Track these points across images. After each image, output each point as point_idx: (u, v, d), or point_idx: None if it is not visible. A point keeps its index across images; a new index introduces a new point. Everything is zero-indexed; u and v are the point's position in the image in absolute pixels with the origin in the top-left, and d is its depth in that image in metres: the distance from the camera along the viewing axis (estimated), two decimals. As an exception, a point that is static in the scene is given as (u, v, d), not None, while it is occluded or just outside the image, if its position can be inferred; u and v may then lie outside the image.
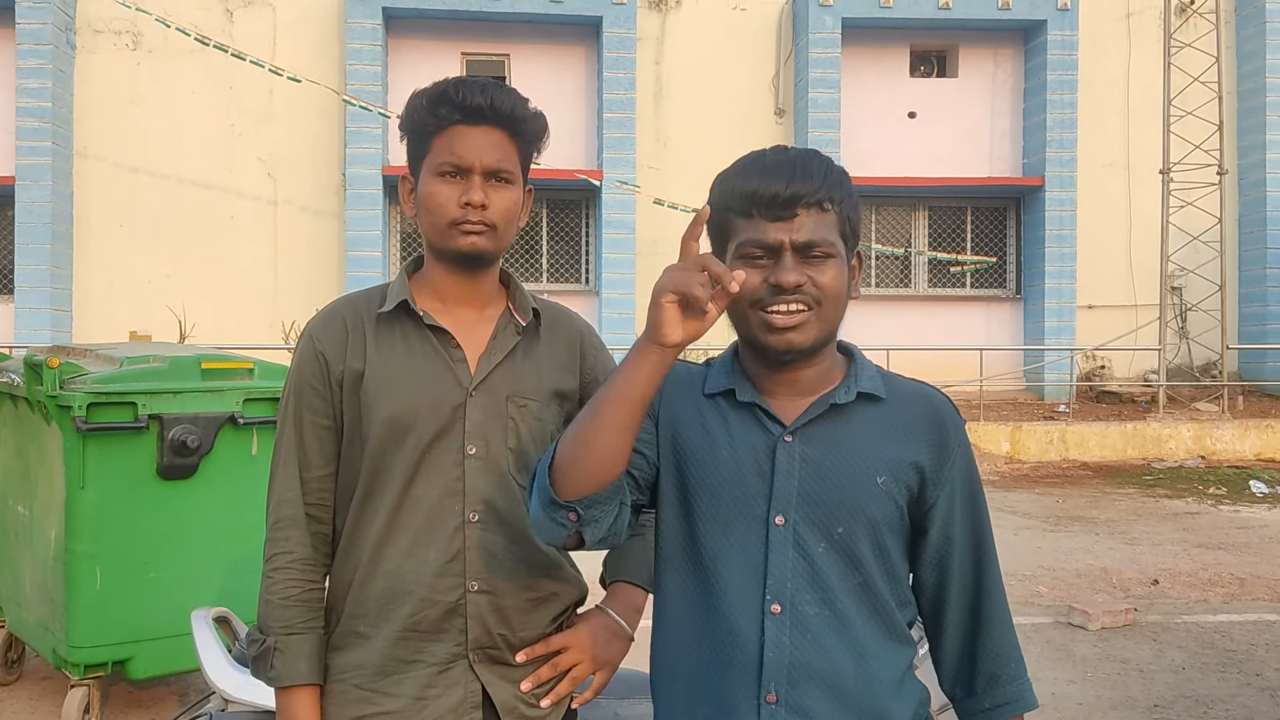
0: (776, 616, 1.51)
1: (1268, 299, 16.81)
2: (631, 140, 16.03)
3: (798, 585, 1.52)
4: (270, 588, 1.79)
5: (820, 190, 1.49)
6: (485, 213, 1.75)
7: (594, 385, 1.94)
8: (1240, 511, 10.34)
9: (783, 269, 1.49)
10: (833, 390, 1.57)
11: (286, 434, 1.82)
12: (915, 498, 1.56)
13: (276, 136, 15.97)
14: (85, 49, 15.78)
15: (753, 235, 1.50)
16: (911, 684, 1.58)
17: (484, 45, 16.38)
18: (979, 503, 1.62)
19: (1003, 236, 17.49)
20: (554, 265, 16.84)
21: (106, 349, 4.69)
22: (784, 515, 1.52)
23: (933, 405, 1.60)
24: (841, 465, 1.53)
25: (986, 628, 1.61)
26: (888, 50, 17.07)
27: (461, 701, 1.75)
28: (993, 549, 1.63)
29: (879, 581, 1.54)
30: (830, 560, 1.52)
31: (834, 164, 1.55)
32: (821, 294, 1.50)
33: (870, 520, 1.52)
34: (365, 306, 1.84)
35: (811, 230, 1.49)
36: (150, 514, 4.24)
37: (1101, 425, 13.94)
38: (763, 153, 1.56)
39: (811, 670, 1.50)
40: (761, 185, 1.50)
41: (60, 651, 4.22)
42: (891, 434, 1.56)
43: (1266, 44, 16.78)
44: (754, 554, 1.53)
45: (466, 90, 1.74)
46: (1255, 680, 5.17)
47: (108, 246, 15.68)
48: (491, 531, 1.77)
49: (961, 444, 1.60)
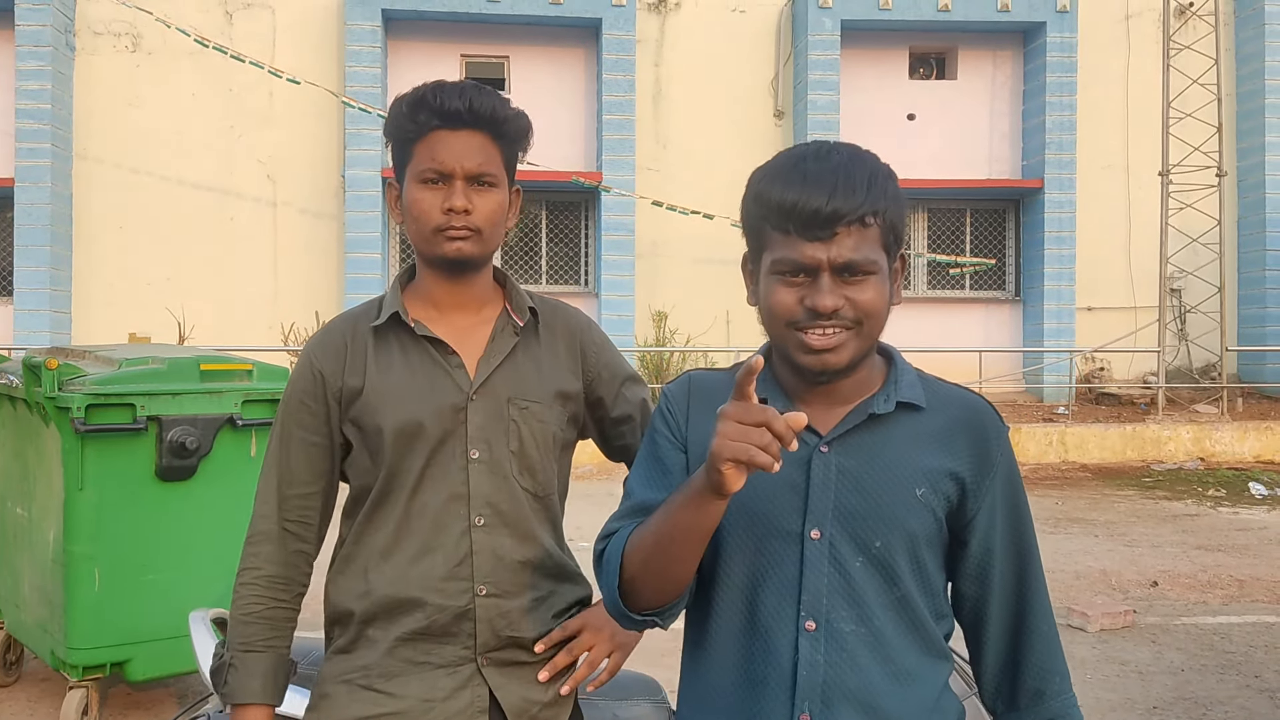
0: (811, 634, 1.45)
1: (1267, 301, 16.81)
2: (631, 142, 16.03)
3: (833, 601, 1.45)
4: (236, 602, 1.81)
5: (862, 206, 1.40)
6: (469, 218, 1.74)
7: (597, 383, 1.93)
8: (1239, 513, 10.34)
9: (819, 292, 1.40)
10: (871, 399, 1.50)
11: (273, 450, 1.83)
12: (955, 509, 1.50)
13: (276, 138, 15.97)
14: (85, 51, 15.78)
15: (788, 254, 1.42)
16: (949, 701, 1.53)
17: (483, 47, 16.39)
18: (1023, 514, 1.55)
19: (1002, 238, 17.49)
20: (553, 267, 16.84)
21: (105, 350, 4.69)
22: (820, 529, 1.46)
23: (975, 413, 1.53)
24: (879, 477, 1.47)
25: (1030, 641, 1.55)
26: (887, 52, 17.08)
27: (469, 705, 1.75)
28: (1037, 561, 1.57)
29: (916, 596, 1.48)
30: (867, 575, 1.46)
31: (879, 169, 1.45)
32: (860, 314, 1.42)
33: (909, 534, 1.46)
34: (363, 320, 1.84)
35: (852, 249, 1.40)
36: (149, 515, 4.25)
37: (1101, 427, 13.94)
38: (803, 157, 1.44)
39: (846, 690, 1.44)
40: (800, 199, 1.40)
41: (59, 653, 4.21)
42: (931, 443, 1.49)
43: (1266, 46, 16.78)
44: (788, 570, 1.47)
45: (445, 95, 1.74)
46: (1254, 682, 5.17)
47: (107, 248, 15.68)
48: (497, 535, 1.78)
49: (1004, 454, 1.53)
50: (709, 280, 16.41)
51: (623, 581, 1.47)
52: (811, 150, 1.45)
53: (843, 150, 1.45)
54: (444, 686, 1.74)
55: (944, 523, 1.50)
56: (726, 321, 16.42)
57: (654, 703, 2.17)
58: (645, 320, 16.22)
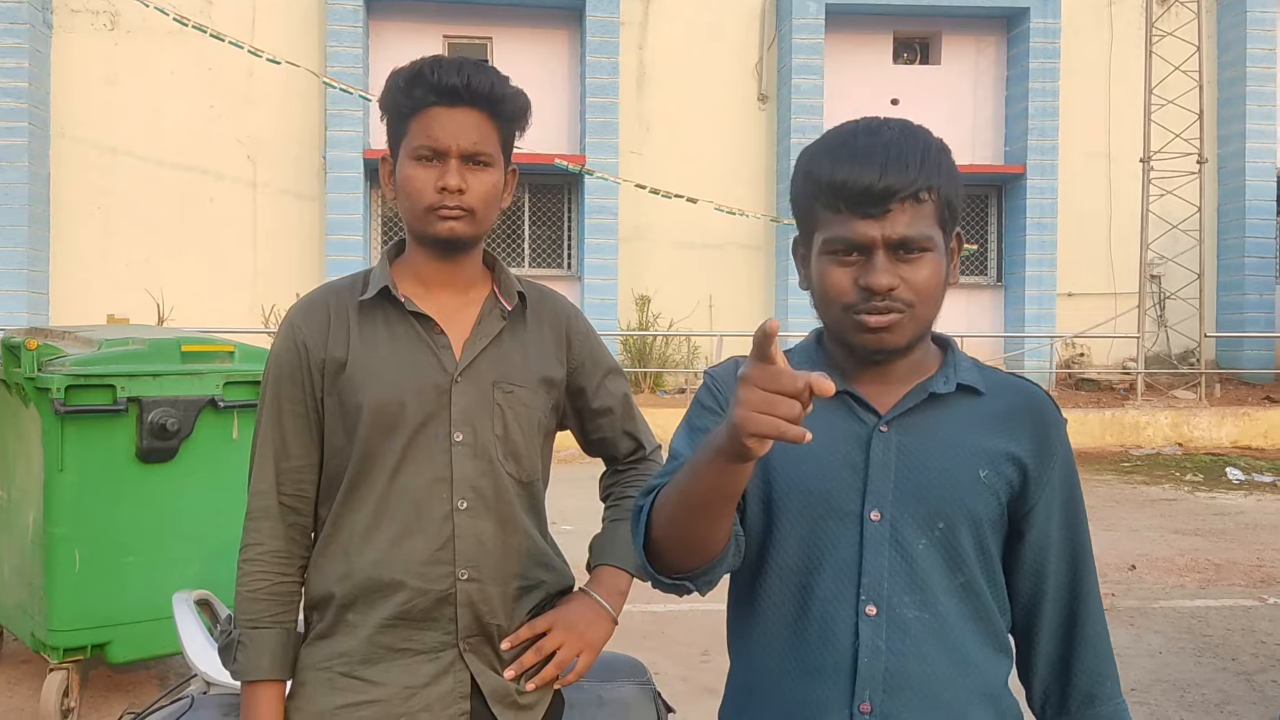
0: (872, 619, 1.38)
1: (1245, 287, 16.94)
2: (614, 125, 15.98)
3: (895, 585, 1.39)
4: (241, 580, 1.77)
5: (916, 181, 1.35)
6: (463, 197, 1.71)
7: (580, 372, 1.92)
8: (1217, 498, 10.43)
9: (874, 271, 1.35)
10: (930, 379, 1.45)
11: (264, 424, 1.80)
12: (1016, 496, 1.44)
13: (256, 119, 15.84)
14: (62, 28, 15.60)
15: (840, 232, 1.36)
16: (1009, 700, 1.47)
17: (466, 28, 16.29)
18: (1079, 510, 1.50)
19: (984, 224, 17.55)
20: (536, 250, 16.79)
21: (85, 331, 4.65)
22: (880, 510, 1.40)
23: (1035, 400, 1.49)
24: (942, 456, 1.41)
25: (1083, 644, 1.49)
26: (871, 37, 17.07)
27: (450, 690, 1.73)
28: (1091, 560, 1.51)
29: (982, 583, 1.43)
30: (931, 558, 1.40)
31: (932, 143, 1.40)
32: (916, 295, 1.37)
33: (973, 516, 1.40)
34: (348, 293, 1.80)
35: (906, 226, 1.35)
36: (129, 497, 4.22)
37: (1080, 412, 14.02)
38: (854, 133, 1.39)
39: (909, 678, 1.37)
40: (851, 176, 1.35)
41: (39, 635, 4.19)
42: (992, 425, 1.44)
43: (1247, 33, 16.86)
44: (847, 552, 1.40)
45: (442, 70, 1.70)
46: (1231, 665, 5.22)
47: (85, 229, 15.54)
48: (480, 519, 1.75)
49: (1063, 445, 1.48)
50: (692, 264, 16.41)
51: (649, 541, 1.39)
52: (863, 126, 1.41)
53: (894, 125, 1.40)
54: (425, 673, 1.72)
55: (1006, 508, 1.44)
56: (709, 306, 16.42)
57: (638, 684, 2.17)
58: (628, 304, 16.21)
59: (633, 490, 2.00)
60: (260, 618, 1.74)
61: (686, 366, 16.06)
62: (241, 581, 1.76)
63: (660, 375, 15.72)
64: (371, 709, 1.71)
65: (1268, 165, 16.93)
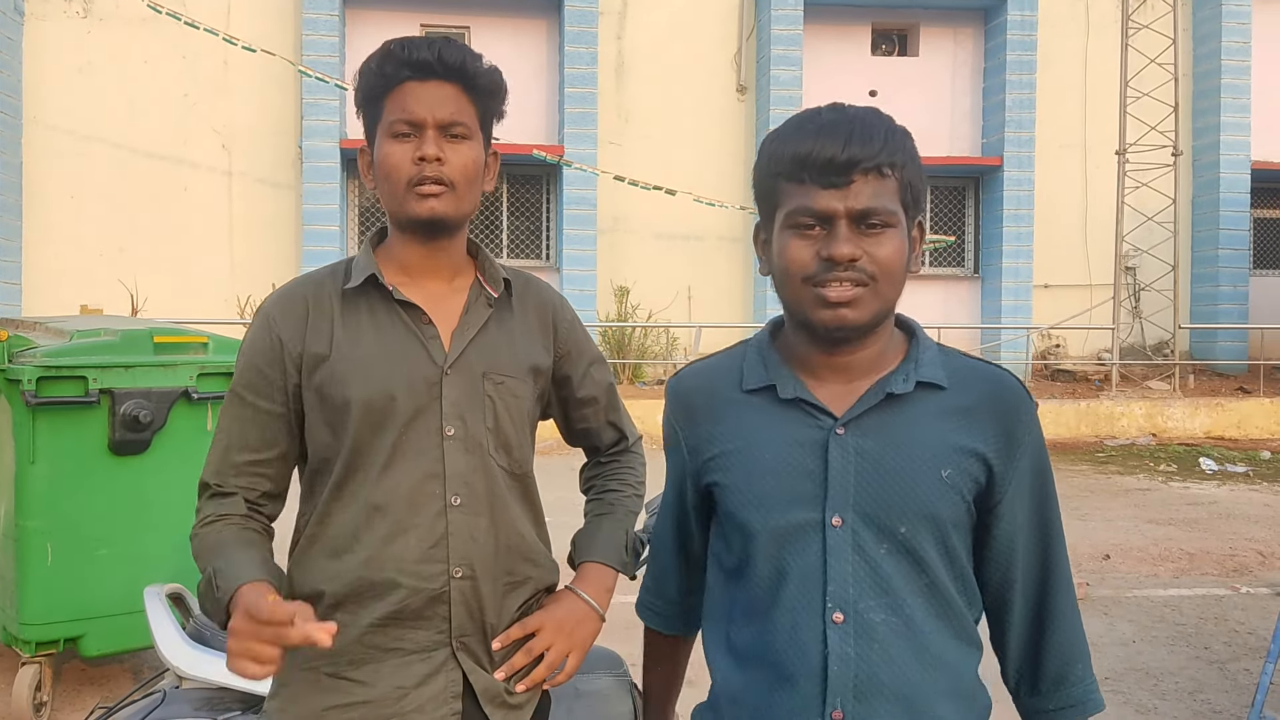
0: (840, 626, 1.38)
1: (1219, 279, 17.07)
2: (593, 116, 15.93)
3: (860, 591, 1.38)
4: (199, 547, 1.68)
5: (880, 154, 1.35)
6: (442, 168, 1.66)
7: (566, 361, 1.89)
8: (1190, 488, 10.52)
9: (836, 240, 1.35)
10: (889, 376, 1.44)
11: (223, 416, 1.75)
12: (982, 492, 1.43)
13: (231, 107, 15.71)
14: (34, 15, 15.41)
15: (804, 202, 1.37)
16: (979, 690, 1.48)
17: (443, 17, 16.19)
18: (1049, 496, 1.49)
19: (961, 216, 17.61)
20: (514, 241, 16.74)
21: (57, 322, 4.60)
22: (841, 516, 1.39)
23: (1000, 388, 1.46)
24: (902, 458, 1.40)
25: (1054, 626, 1.49)
26: (849, 28, 17.08)
27: (442, 690, 1.69)
28: (1062, 544, 1.51)
29: (947, 582, 1.42)
30: (895, 562, 1.39)
31: (895, 124, 1.41)
32: (878, 268, 1.37)
33: (935, 518, 1.40)
34: (329, 283, 1.75)
35: (869, 198, 1.35)
36: (102, 490, 4.19)
37: (1056, 403, 14.11)
38: (818, 111, 1.41)
39: (880, 683, 1.37)
40: (815, 147, 1.35)
41: (11, 629, 4.16)
42: (954, 421, 1.42)
43: (1222, 27, 16.97)
44: (812, 560, 1.40)
45: (413, 46, 1.68)
46: (1204, 653, 5.27)
47: (58, 218, 15.38)
48: (473, 515, 1.71)
49: (1032, 433, 1.45)
50: (671, 256, 16.41)
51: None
52: (828, 106, 1.43)
53: (859, 106, 1.42)
54: (417, 673, 1.68)
55: (971, 505, 1.43)
56: (688, 297, 16.43)
57: (615, 676, 2.18)
58: (607, 295, 16.19)
59: (615, 483, 1.98)
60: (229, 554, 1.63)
61: (665, 357, 16.06)
62: (200, 545, 1.68)
63: (639, 366, 15.72)
64: (361, 710, 1.66)
65: (1242, 158, 17.05)
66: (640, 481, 2.02)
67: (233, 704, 2.33)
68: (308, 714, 1.67)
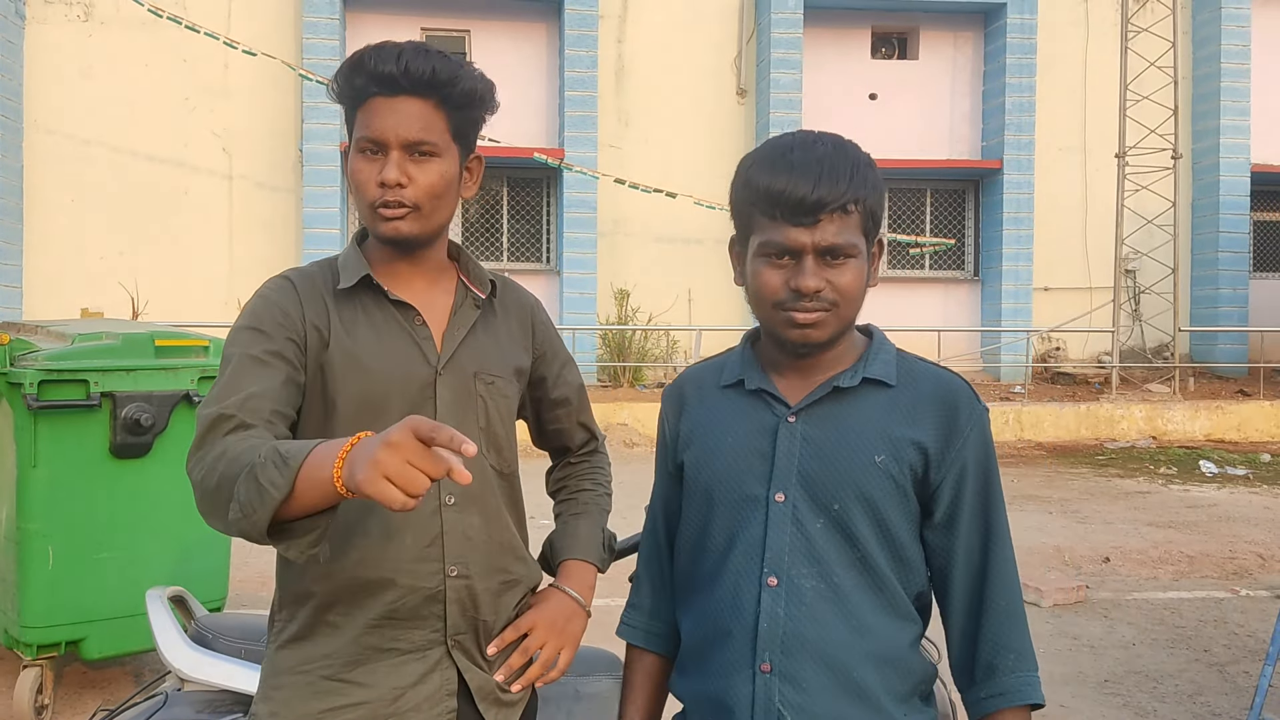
0: (773, 589, 1.54)
1: (1219, 282, 17.09)
2: (593, 119, 15.95)
3: (794, 559, 1.54)
4: (218, 460, 1.45)
5: (845, 194, 1.49)
6: (403, 192, 1.62)
7: (542, 361, 1.91)
8: (1190, 491, 10.52)
9: (803, 274, 1.50)
10: (839, 374, 1.59)
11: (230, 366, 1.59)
12: (920, 478, 1.56)
13: (232, 111, 15.73)
14: (35, 20, 15.44)
15: (775, 237, 1.51)
16: (914, 660, 1.57)
17: (444, 20, 16.22)
18: (991, 492, 1.59)
19: (961, 219, 17.63)
20: (514, 244, 16.75)
21: (58, 326, 4.61)
22: (784, 492, 1.55)
23: (946, 389, 1.60)
24: (839, 444, 1.55)
25: (988, 616, 1.57)
26: (849, 31, 17.11)
27: (438, 689, 1.68)
28: (1004, 539, 1.59)
29: (879, 558, 1.55)
30: (827, 535, 1.54)
31: (861, 158, 1.53)
32: (839, 296, 1.52)
33: (866, 497, 1.53)
34: (319, 279, 1.73)
35: (834, 235, 1.49)
36: (103, 493, 4.19)
37: (1056, 406, 14.11)
38: (790, 147, 1.53)
39: (805, 641, 1.52)
40: (787, 187, 1.49)
41: (12, 632, 4.16)
42: (896, 414, 1.57)
43: (1221, 29, 16.99)
44: (755, 531, 1.56)
45: (379, 58, 1.61)
46: (1204, 656, 5.27)
47: (58, 222, 15.40)
48: (467, 514, 1.71)
49: (976, 428, 1.58)
50: (671, 259, 16.42)
51: None
52: (799, 140, 1.54)
53: (827, 141, 1.54)
54: (413, 672, 1.67)
55: (909, 490, 1.55)
56: (689, 300, 16.44)
57: (614, 678, 2.18)
58: (607, 298, 16.20)
59: (588, 483, 2.00)
60: (283, 443, 1.41)
61: (665, 360, 16.06)
62: (218, 461, 1.45)
63: (639, 369, 15.73)
64: (358, 711, 1.64)
65: (1241, 161, 17.07)
66: (609, 481, 2.04)
67: (234, 706, 2.34)
68: (303, 716, 1.65)
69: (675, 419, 1.72)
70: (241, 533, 1.40)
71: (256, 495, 1.35)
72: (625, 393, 14.49)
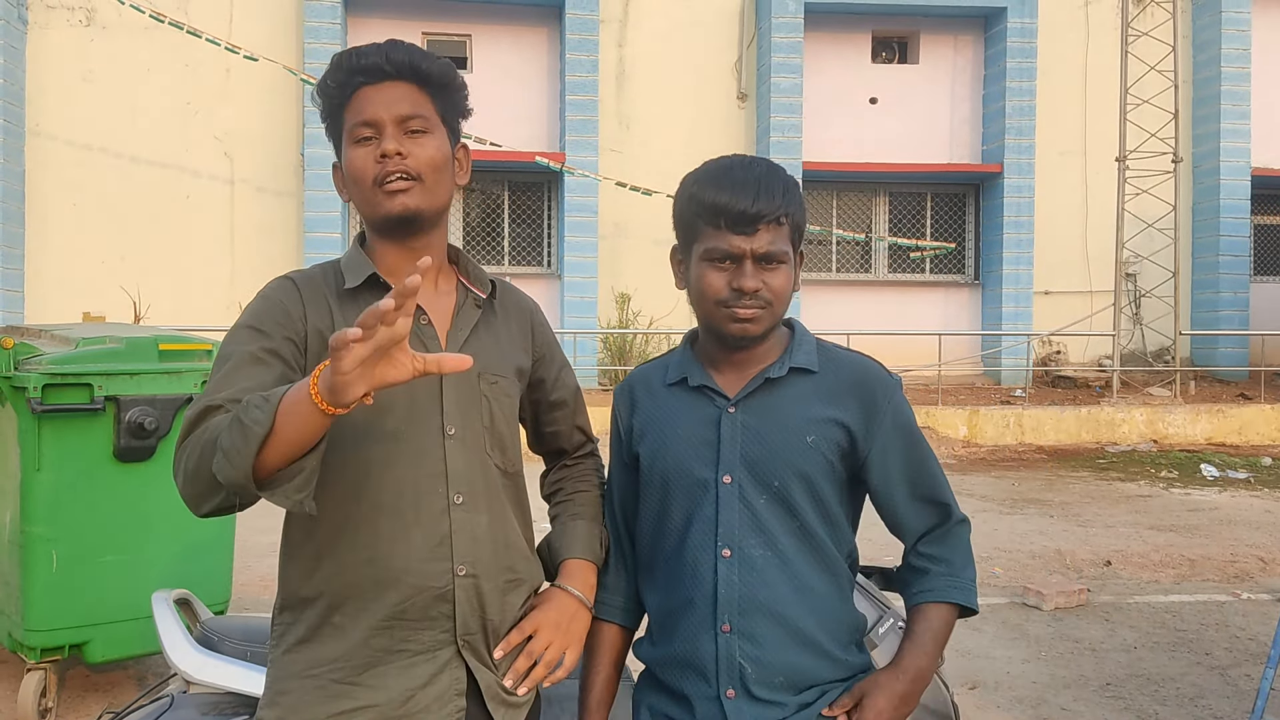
0: (727, 560, 1.77)
1: (1219, 285, 17.09)
2: (594, 123, 15.97)
3: (744, 532, 1.77)
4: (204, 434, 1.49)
5: (779, 209, 1.73)
6: (405, 162, 1.69)
7: (541, 364, 1.94)
8: (1191, 494, 10.52)
9: (743, 275, 1.73)
10: (768, 366, 1.82)
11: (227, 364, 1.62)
12: (847, 452, 1.80)
13: (233, 115, 15.75)
14: (37, 25, 15.47)
15: (719, 244, 1.74)
16: (850, 611, 1.85)
17: (445, 25, 16.24)
18: (916, 445, 1.84)
19: (961, 222, 17.63)
20: (515, 248, 16.76)
21: (62, 329, 4.62)
22: (730, 475, 1.78)
23: (862, 372, 1.84)
24: (775, 429, 1.79)
25: (925, 539, 1.85)
26: (849, 36, 17.12)
27: (447, 689, 1.69)
28: (937, 474, 1.86)
29: (815, 525, 1.79)
30: (771, 509, 1.77)
31: (790, 180, 1.79)
32: (773, 295, 1.76)
33: (802, 474, 1.77)
34: (322, 280, 1.75)
35: (769, 243, 1.73)
36: (107, 496, 4.20)
37: (1056, 410, 14.12)
38: (730, 166, 1.77)
39: (758, 602, 1.75)
40: (731, 201, 1.72)
41: (16, 635, 4.17)
42: (820, 399, 1.81)
43: (1222, 33, 17.01)
44: (709, 510, 1.78)
45: (360, 53, 1.73)
46: (1205, 659, 5.28)
47: (60, 226, 15.42)
48: (474, 513, 1.72)
49: (892, 402, 1.83)
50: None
51: None
52: (738, 162, 1.79)
53: (761, 163, 1.79)
54: (423, 673, 1.67)
55: (836, 464, 1.80)
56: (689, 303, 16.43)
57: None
58: (608, 302, 16.21)
59: (585, 484, 2.02)
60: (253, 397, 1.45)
61: (666, 364, 16.05)
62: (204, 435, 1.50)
63: (640, 373, 15.71)
64: (368, 714, 1.64)
65: (1242, 164, 17.08)
66: (605, 482, 2.07)
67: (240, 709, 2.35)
68: None
69: (628, 415, 1.91)
70: (228, 481, 1.43)
71: (240, 437, 1.40)
72: (626, 396, 14.49)
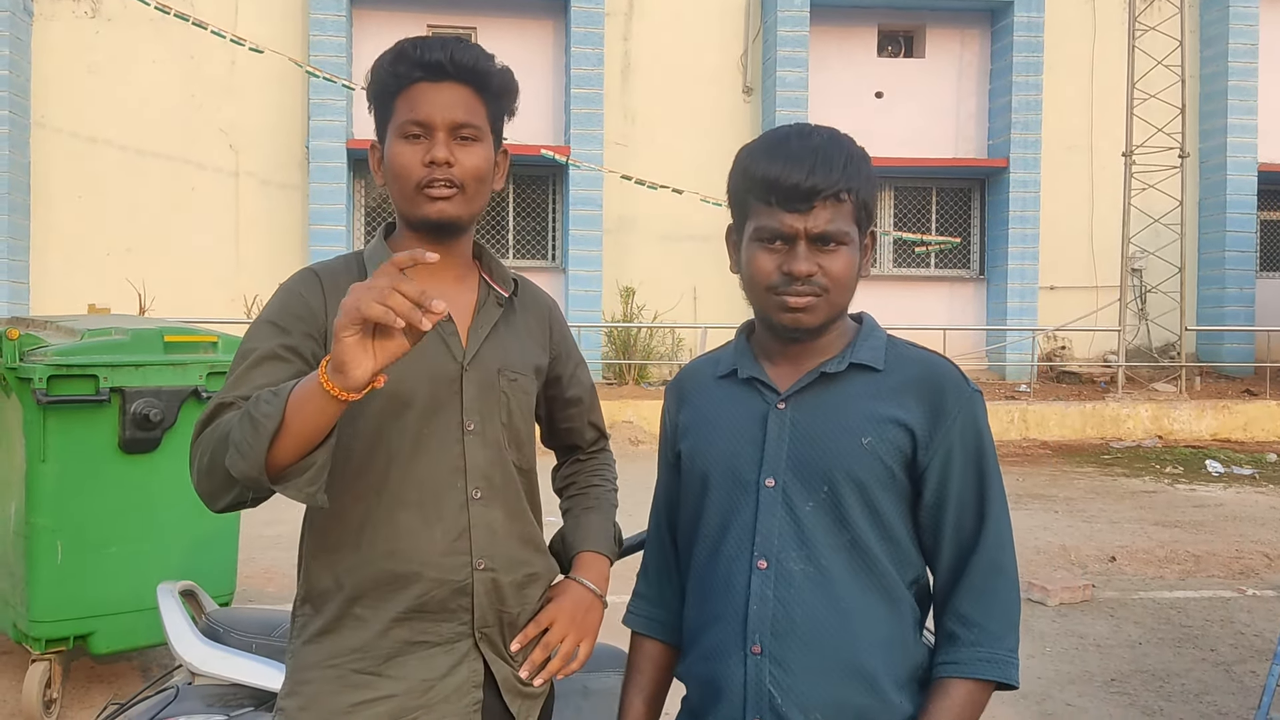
0: (762, 572, 1.56)
1: (1226, 281, 17.05)
2: (599, 116, 15.95)
3: (784, 543, 1.56)
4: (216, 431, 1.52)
5: (839, 182, 1.53)
6: (451, 171, 1.68)
7: (558, 361, 1.95)
8: (1196, 490, 10.51)
9: (796, 259, 1.54)
10: (827, 361, 1.62)
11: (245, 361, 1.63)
12: (909, 459, 1.57)
13: (238, 108, 15.74)
14: (43, 16, 15.47)
15: (769, 223, 1.55)
16: (909, 646, 1.57)
17: (450, 18, 16.22)
18: (985, 470, 1.58)
19: (967, 217, 17.60)
20: (520, 242, 16.76)
21: (67, 321, 4.62)
22: (774, 477, 1.58)
23: (932, 370, 1.61)
24: (828, 428, 1.57)
25: (962, 592, 1.56)
26: (855, 30, 17.09)
27: (465, 681, 1.71)
28: (997, 519, 1.58)
29: (870, 540, 1.55)
30: (817, 518, 1.55)
31: (855, 150, 1.57)
32: (831, 281, 1.55)
33: (856, 480, 1.55)
34: (345, 274, 1.76)
35: (826, 221, 1.53)
36: (112, 488, 4.20)
37: (1061, 405, 14.10)
38: (787, 137, 1.58)
39: (794, 624, 1.53)
40: (782, 174, 1.53)
41: (21, 626, 4.17)
42: (882, 397, 1.58)
43: (1229, 28, 16.95)
44: (747, 516, 1.59)
45: (426, 47, 1.69)
46: (1210, 655, 5.27)
47: (65, 218, 15.43)
48: (493, 508, 1.74)
49: (964, 409, 1.58)
50: (677, 256, 16.40)
51: None
52: (795, 130, 1.59)
53: (823, 132, 1.58)
54: (442, 665, 1.70)
55: (897, 472, 1.56)
56: (694, 298, 16.43)
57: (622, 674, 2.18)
58: (613, 296, 16.20)
59: (597, 479, 2.04)
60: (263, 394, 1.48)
61: (671, 358, 16.06)
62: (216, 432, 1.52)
63: (645, 367, 15.73)
64: (389, 704, 1.66)
65: (1249, 160, 17.04)
66: (616, 478, 2.09)
67: (246, 700, 2.35)
68: (332, 711, 1.66)
69: (676, 411, 1.75)
70: (241, 476, 1.45)
71: (251, 430, 1.42)
72: (630, 390, 14.50)
